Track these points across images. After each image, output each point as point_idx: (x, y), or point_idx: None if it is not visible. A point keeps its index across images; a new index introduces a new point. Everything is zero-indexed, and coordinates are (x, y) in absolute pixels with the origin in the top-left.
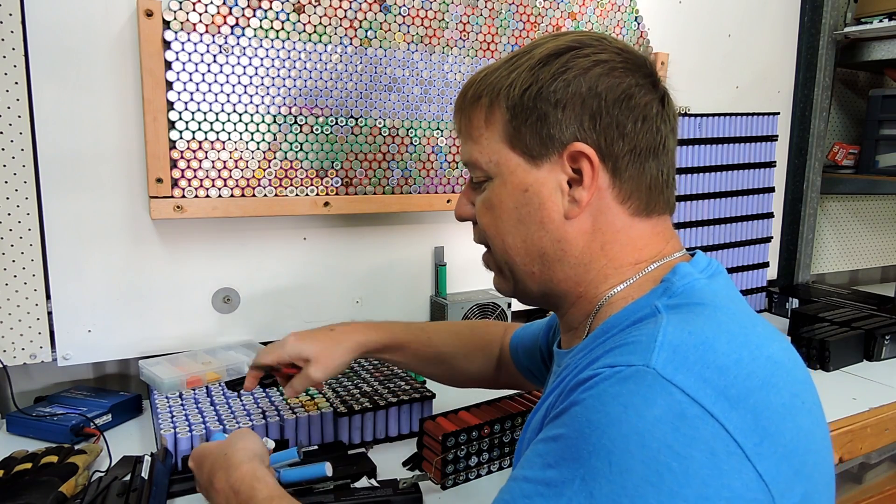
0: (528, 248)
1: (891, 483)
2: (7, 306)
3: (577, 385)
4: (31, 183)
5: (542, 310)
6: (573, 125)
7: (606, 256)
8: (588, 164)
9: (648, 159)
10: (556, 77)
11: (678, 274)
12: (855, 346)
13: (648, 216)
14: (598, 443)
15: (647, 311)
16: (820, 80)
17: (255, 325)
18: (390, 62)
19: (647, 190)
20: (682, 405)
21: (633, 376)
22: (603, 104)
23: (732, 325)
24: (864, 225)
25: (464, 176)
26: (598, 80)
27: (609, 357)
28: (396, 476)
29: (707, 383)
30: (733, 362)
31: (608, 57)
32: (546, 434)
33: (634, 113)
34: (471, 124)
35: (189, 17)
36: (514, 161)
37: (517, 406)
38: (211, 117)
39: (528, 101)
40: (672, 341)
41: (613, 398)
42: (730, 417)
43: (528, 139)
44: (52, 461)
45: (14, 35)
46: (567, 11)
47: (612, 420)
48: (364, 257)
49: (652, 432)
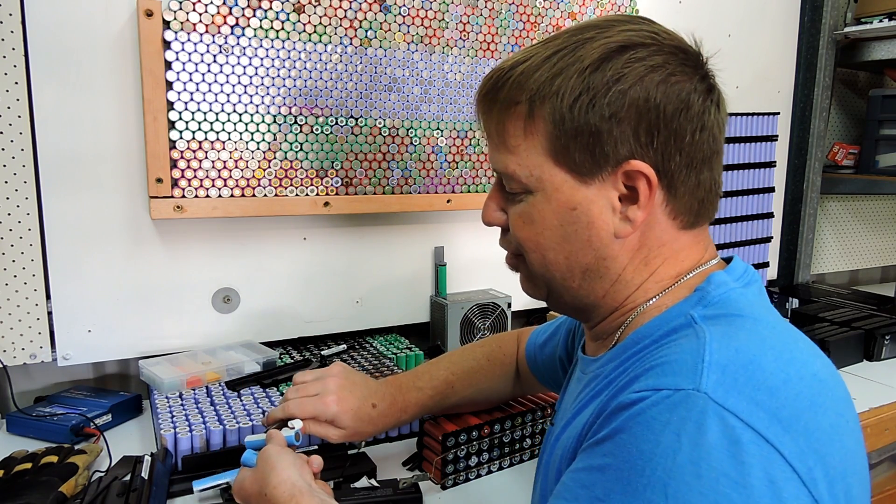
0: (571, 265)
1: (891, 483)
2: (7, 306)
3: (619, 409)
4: (31, 183)
5: (544, 310)
6: (629, 141)
7: (649, 270)
8: (645, 183)
9: (703, 170)
10: (609, 86)
11: (713, 283)
12: (855, 346)
13: (694, 228)
14: (652, 475)
15: (682, 320)
16: (820, 80)
17: (255, 325)
18: (390, 62)
19: (699, 203)
20: (737, 431)
21: (684, 401)
22: (662, 116)
23: (775, 341)
24: (864, 225)
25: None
26: (655, 88)
27: (651, 378)
28: (396, 476)
29: (759, 406)
30: (782, 382)
31: (664, 60)
32: (589, 462)
33: (693, 123)
34: (505, 132)
35: (189, 17)
36: (560, 177)
37: (517, 406)
38: (211, 117)
39: (578, 115)
40: (719, 360)
41: (664, 426)
42: (784, 442)
43: (578, 156)
44: (52, 461)
45: (14, 35)
46: (567, 11)
47: (666, 450)
48: (364, 257)
49: (708, 461)
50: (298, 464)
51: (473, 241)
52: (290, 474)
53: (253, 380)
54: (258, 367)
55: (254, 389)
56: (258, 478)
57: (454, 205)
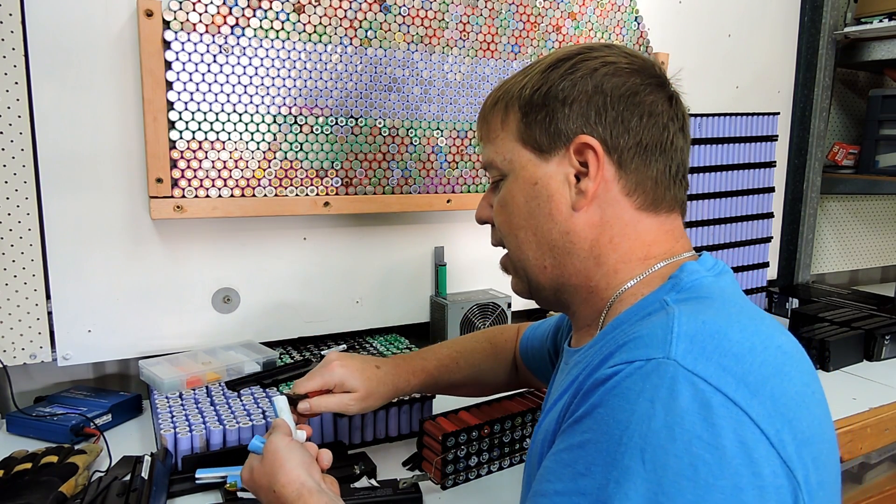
0: (539, 240)
1: (891, 483)
2: (7, 306)
3: (595, 385)
4: (31, 183)
5: (544, 310)
6: (579, 120)
7: (616, 251)
8: (594, 155)
9: (655, 154)
10: (564, 77)
11: (685, 271)
12: (855, 346)
13: (656, 212)
14: (629, 442)
15: (656, 306)
16: (820, 80)
17: (255, 325)
18: (390, 62)
19: (653, 184)
20: (707, 395)
21: (656, 370)
22: (608, 100)
23: (741, 317)
24: (864, 225)
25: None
26: (603, 78)
27: (624, 353)
28: (396, 476)
29: (727, 371)
30: (747, 350)
31: (615, 59)
32: (569, 441)
33: (640, 109)
34: (489, 128)
35: (189, 17)
36: (526, 156)
37: (517, 406)
38: (211, 117)
39: (538, 100)
40: (687, 331)
41: (638, 394)
42: (751, 405)
43: (538, 134)
44: (52, 461)
45: (14, 35)
46: (567, 11)
47: (640, 417)
48: (364, 257)
49: (681, 425)
50: (307, 461)
51: (473, 241)
52: (300, 473)
53: (253, 380)
54: (258, 367)
55: (254, 389)
56: (267, 472)
57: (454, 205)
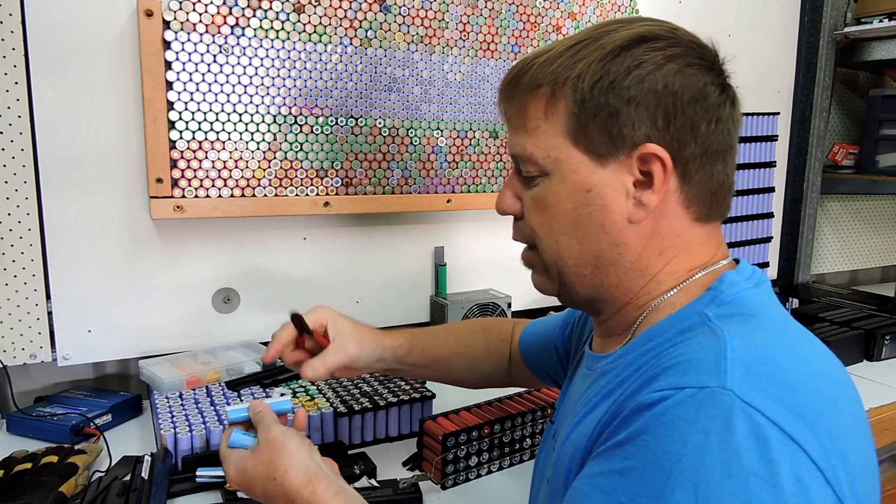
0: (584, 251)
1: (891, 483)
2: (7, 306)
3: (638, 409)
4: (31, 183)
5: (544, 310)
6: (646, 124)
7: (664, 262)
8: (660, 167)
9: (717, 162)
10: (629, 70)
11: (725, 282)
12: (855, 346)
13: (707, 221)
14: (680, 476)
15: (696, 319)
16: (820, 80)
17: (255, 325)
18: (390, 62)
19: (711, 195)
20: (764, 429)
21: (710, 399)
22: (679, 102)
23: (791, 341)
24: (864, 225)
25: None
26: (673, 76)
27: (672, 377)
28: (396, 476)
29: (783, 404)
30: (802, 380)
31: (682, 51)
32: (607, 466)
33: (709, 114)
34: (526, 114)
35: (189, 17)
36: (577, 158)
37: (517, 406)
38: (211, 117)
39: (598, 95)
40: (741, 357)
41: (690, 424)
42: (808, 440)
43: (596, 136)
44: (52, 461)
45: (14, 35)
46: (567, 11)
47: (693, 449)
48: (364, 257)
49: (738, 460)
50: (307, 445)
51: (473, 241)
52: (303, 457)
53: (253, 380)
54: (258, 367)
55: (254, 389)
56: (264, 460)
57: (454, 205)
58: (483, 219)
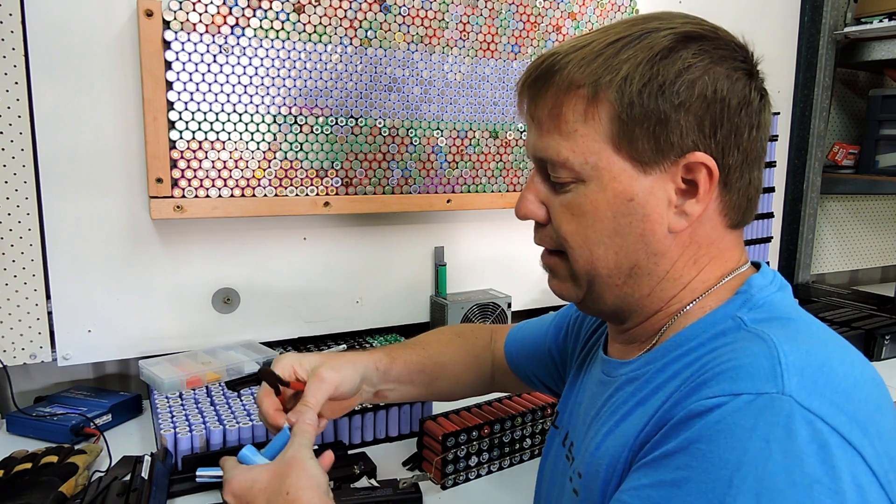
0: (620, 261)
1: None
2: (7, 306)
3: (689, 417)
4: (31, 183)
5: (544, 310)
6: (694, 131)
7: (697, 269)
8: (706, 175)
9: (755, 169)
10: (679, 74)
11: (754, 286)
12: (855, 346)
13: (738, 227)
14: (741, 485)
15: (730, 323)
16: (820, 80)
17: (255, 325)
18: (390, 62)
19: (747, 201)
20: (825, 435)
21: (769, 406)
22: (726, 109)
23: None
24: (864, 225)
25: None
26: (724, 82)
27: (724, 383)
28: (396, 476)
29: (840, 409)
30: (853, 385)
31: (728, 54)
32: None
33: (752, 120)
34: (560, 116)
35: (189, 17)
36: (619, 166)
37: (517, 406)
38: (211, 117)
39: (647, 100)
40: (795, 363)
41: (749, 432)
42: (864, 445)
43: (641, 143)
44: (52, 461)
45: (14, 35)
46: (567, 11)
47: (754, 457)
48: (364, 257)
49: (801, 468)
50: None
51: (473, 241)
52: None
53: (253, 380)
54: (258, 367)
55: (254, 389)
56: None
57: (454, 205)
58: (483, 219)
